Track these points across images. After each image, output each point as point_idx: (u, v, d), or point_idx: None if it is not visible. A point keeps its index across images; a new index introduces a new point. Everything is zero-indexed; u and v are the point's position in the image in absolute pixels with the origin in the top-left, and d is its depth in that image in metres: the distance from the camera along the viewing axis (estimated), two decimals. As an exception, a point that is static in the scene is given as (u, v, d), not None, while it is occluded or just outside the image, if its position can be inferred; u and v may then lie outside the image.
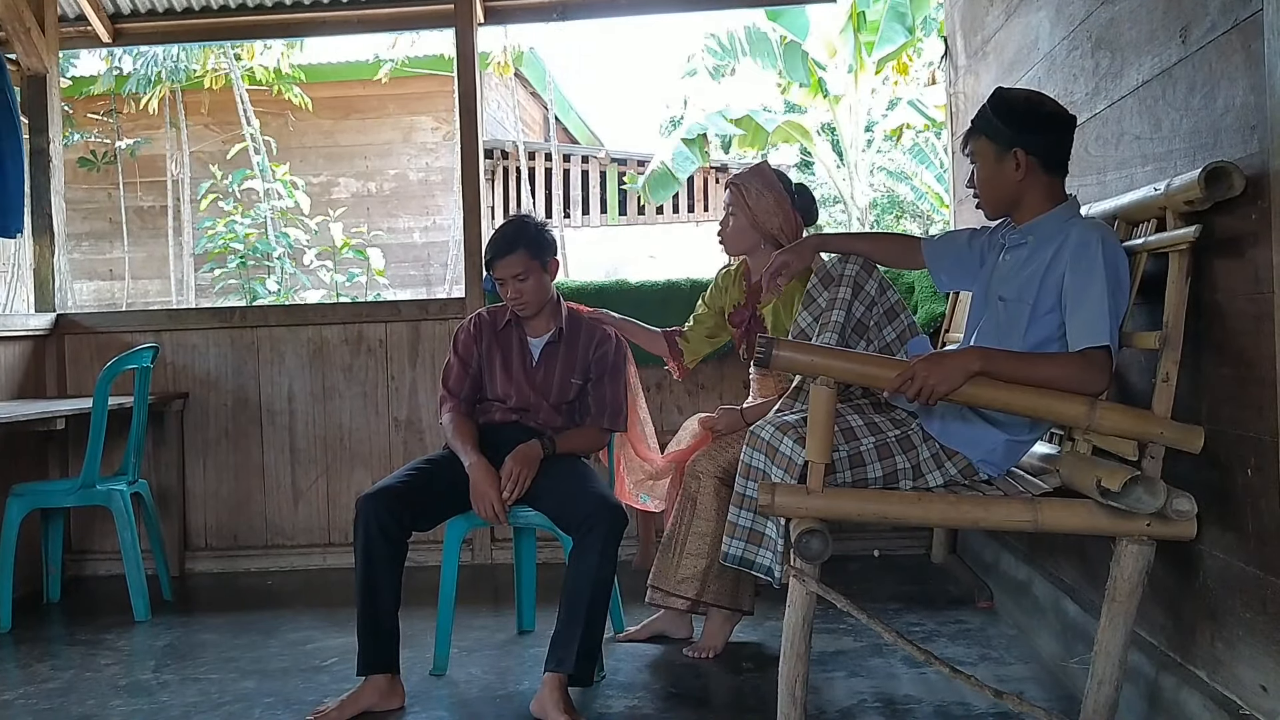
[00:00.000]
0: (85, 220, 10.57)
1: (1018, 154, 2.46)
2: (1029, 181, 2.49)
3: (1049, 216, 2.49)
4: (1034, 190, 2.50)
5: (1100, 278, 2.29)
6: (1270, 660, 1.97)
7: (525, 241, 3.21)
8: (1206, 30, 2.17)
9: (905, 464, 2.53)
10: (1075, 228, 2.40)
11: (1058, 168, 2.51)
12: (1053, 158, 2.50)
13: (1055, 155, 2.50)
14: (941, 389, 2.26)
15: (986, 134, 2.52)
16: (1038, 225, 2.50)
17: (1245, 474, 2.06)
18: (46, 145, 4.92)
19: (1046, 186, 2.50)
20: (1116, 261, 2.32)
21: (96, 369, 4.14)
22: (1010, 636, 3.37)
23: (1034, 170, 2.47)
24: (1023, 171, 2.47)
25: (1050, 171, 2.50)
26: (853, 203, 11.23)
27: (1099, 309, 2.28)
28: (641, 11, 5.28)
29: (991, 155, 2.51)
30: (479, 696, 3.06)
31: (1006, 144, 2.47)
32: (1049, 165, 2.49)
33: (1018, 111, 2.50)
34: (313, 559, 4.78)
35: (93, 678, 3.34)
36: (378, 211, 10.64)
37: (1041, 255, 2.44)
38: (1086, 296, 2.31)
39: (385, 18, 5.26)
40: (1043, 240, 2.46)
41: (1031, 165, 2.47)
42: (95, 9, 5.13)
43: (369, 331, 4.82)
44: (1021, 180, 2.48)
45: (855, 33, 9.95)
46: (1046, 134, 2.49)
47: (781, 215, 3.35)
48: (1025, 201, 2.52)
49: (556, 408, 3.27)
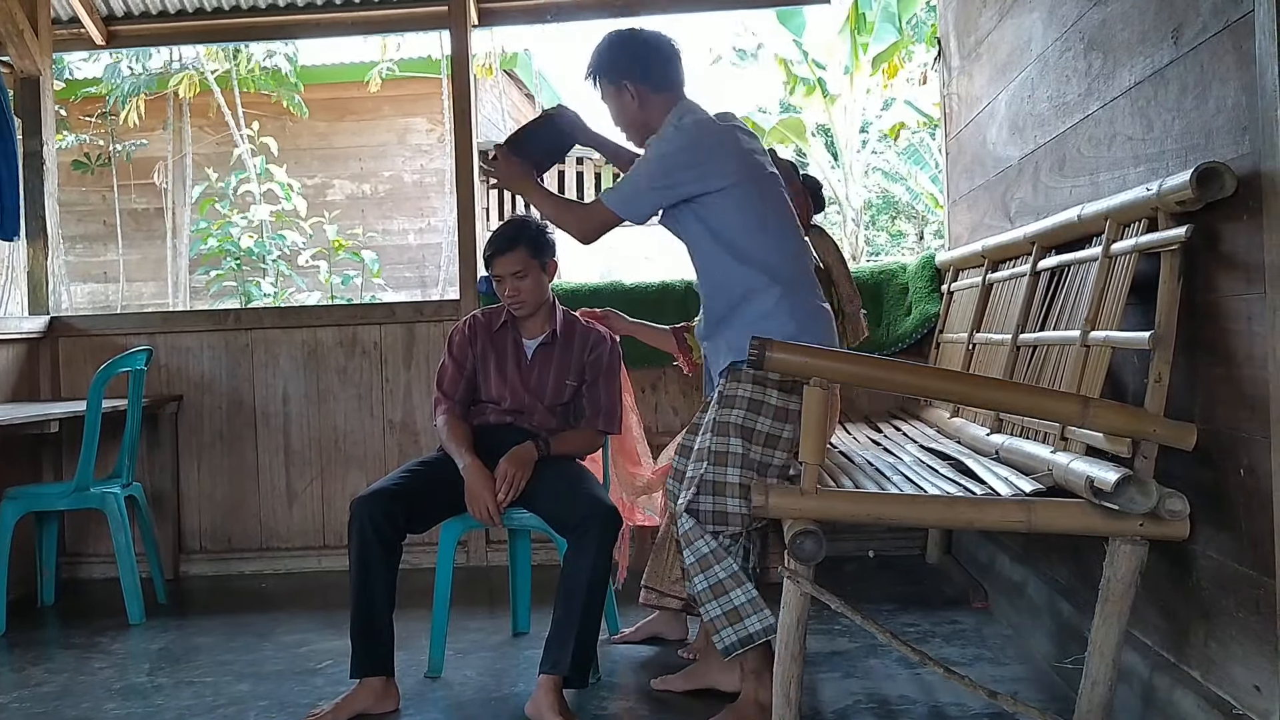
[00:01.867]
0: (80, 223, 10.55)
1: (627, 85, 2.79)
2: (647, 106, 2.79)
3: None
4: (654, 110, 2.79)
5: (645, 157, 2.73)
6: (1264, 660, 1.98)
7: (526, 240, 3.22)
8: (1198, 31, 2.17)
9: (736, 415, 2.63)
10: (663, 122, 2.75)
11: (667, 87, 2.81)
12: (656, 80, 2.80)
13: (657, 76, 2.80)
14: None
15: (598, 77, 2.84)
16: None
17: (1238, 474, 2.06)
18: (40, 148, 4.91)
19: (663, 104, 2.79)
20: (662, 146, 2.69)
21: (90, 371, 4.13)
22: (1005, 637, 3.38)
23: (646, 96, 2.79)
24: (637, 99, 2.79)
25: (661, 91, 2.80)
26: (848, 203, 11.23)
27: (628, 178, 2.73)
28: (636, 13, 5.27)
29: (611, 94, 2.83)
30: (474, 699, 3.05)
31: (616, 81, 2.80)
32: (657, 87, 2.80)
33: (612, 50, 2.84)
34: (307, 561, 4.78)
35: (87, 681, 3.33)
36: (372, 213, 10.62)
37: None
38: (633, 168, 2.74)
39: (379, 19, 5.26)
40: None
41: (642, 92, 2.79)
42: (88, 11, 5.12)
43: (363, 333, 4.82)
44: (640, 107, 2.80)
45: (854, 33, 9.96)
46: (640, 61, 2.80)
47: (793, 189, 3.37)
48: (653, 124, 2.80)
49: (551, 409, 3.27)
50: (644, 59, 2.80)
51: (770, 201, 2.74)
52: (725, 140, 2.72)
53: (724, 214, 2.69)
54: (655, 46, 2.82)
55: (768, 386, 2.63)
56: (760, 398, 2.63)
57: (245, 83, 9.89)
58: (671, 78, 2.81)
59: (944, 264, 4.43)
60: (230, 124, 9.70)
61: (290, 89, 9.87)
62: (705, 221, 2.71)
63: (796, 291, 2.69)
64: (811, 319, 2.69)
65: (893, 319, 4.67)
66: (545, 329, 3.30)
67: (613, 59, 2.82)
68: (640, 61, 2.80)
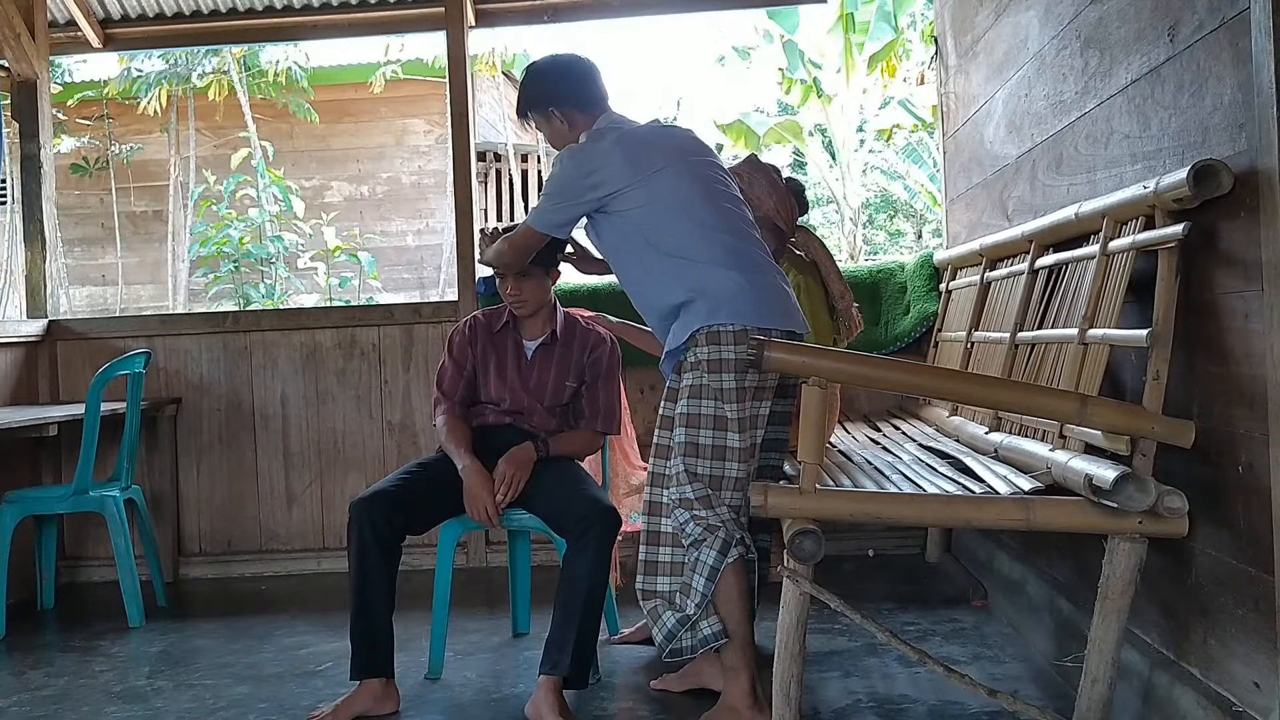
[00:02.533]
0: (78, 226, 10.54)
1: (554, 113, 2.90)
2: (576, 127, 2.88)
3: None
4: (581, 132, 2.87)
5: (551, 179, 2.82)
6: (1263, 657, 1.98)
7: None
8: (1194, 29, 2.18)
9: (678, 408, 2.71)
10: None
11: (590, 105, 2.90)
12: (578, 102, 2.89)
13: (578, 99, 2.89)
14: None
15: (527, 110, 2.96)
16: None
17: (1236, 471, 2.06)
18: (38, 151, 4.91)
19: (588, 125, 2.87)
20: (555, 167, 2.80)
21: (89, 375, 4.13)
22: (1004, 635, 3.38)
23: (573, 118, 2.89)
24: (566, 122, 2.89)
25: (587, 111, 2.89)
26: (845, 203, 11.23)
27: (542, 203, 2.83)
28: (632, 13, 5.28)
29: (542, 123, 2.95)
30: (474, 700, 3.05)
31: (543, 109, 2.92)
32: (582, 108, 2.89)
33: (533, 82, 2.96)
34: (307, 563, 4.78)
35: (87, 684, 3.33)
36: (370, 215, 10.62)
37: None
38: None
39: (376, 21, 5.26)
40: None
41: (569, 115, 2.89)
42: (85, 14, 5.12)
43: (362, 335, 4.82)
44: (570, 130, 2.89)
45: (845, 33, 9.96)
46: (559, 87, 2.90)
47: (776, 198, 3.39)
48: None
49: (550, 410, 3.27)
50: (562, 84, 2.92)
51: (697, 190, 2.77)
52: (620, 145, 2.78)
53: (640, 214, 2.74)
54: (570, 70, 2.95)
55: (710, 371, 2.65)
56: (701, 382, 2.66)
57: (255, 88, 9.90)
58: (592, 95, 2.91)
59: (942, 263, 4.43)
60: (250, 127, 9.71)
61: (300, 94, 9.90)
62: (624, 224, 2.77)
63: (734, 270, 2.70)
64: (745, 294, 2.68)
65: (891, 318, 4.67)
66: (545, 330, 3.30)
67: (536, 90, 2.94)
68: (559, 87, 2.92)
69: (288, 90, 9.89)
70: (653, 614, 2.74)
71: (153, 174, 10.65)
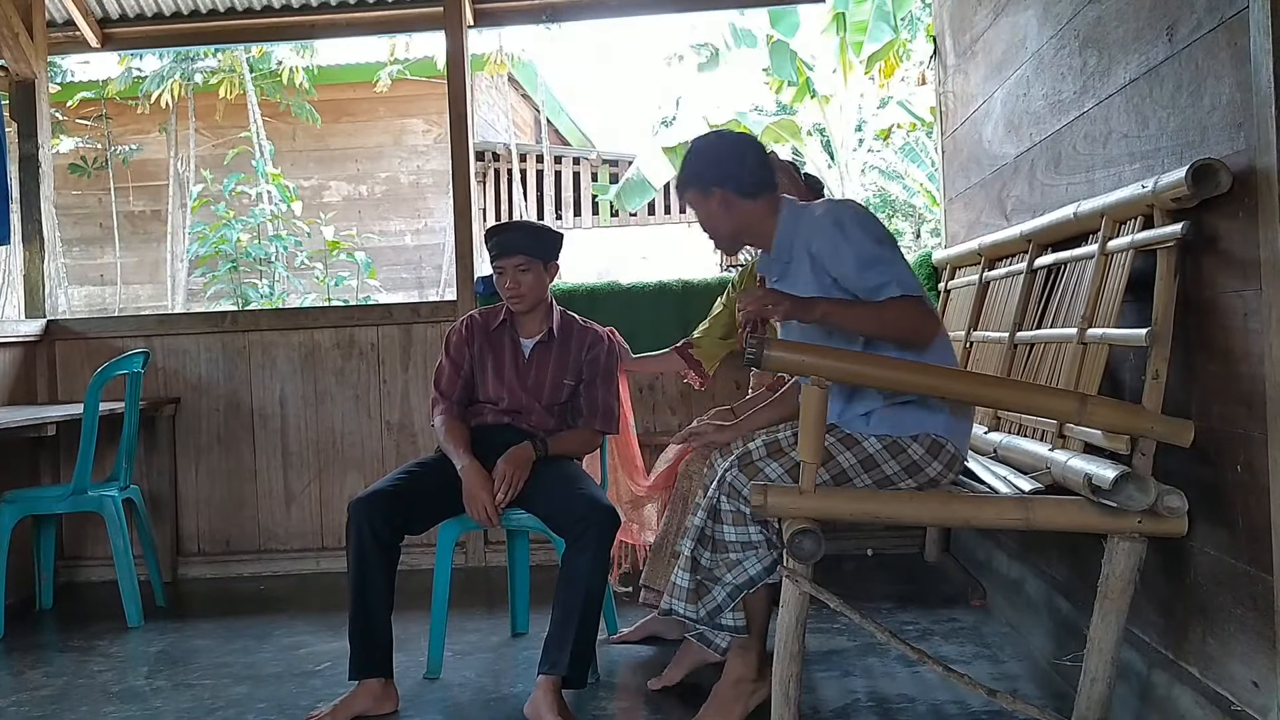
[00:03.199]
0: (77, 225, 10.54)
1: (715, 194, 2.65)
2: (736, 213, 2.66)
3: (782, 231, 2.66)
4: (748, 217, 2.67)
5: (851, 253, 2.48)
6: (1262, 656, 1.98)
7: (533, 235, 3.25)
8: (1193, 28, 2.18)
9: (851, 460, 2.53)
10: (804, 220, 2.60)
11: (755, 190, 2.66)
12: (746, 186, 2.65)
13: (747, 183, 2.65)
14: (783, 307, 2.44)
15: (688, 186, 2.70)
16: (782, 244, 2.67)
17: (1235, 470, 2.06)
18: (36, 151, 4.91)
19: (756, 210, 2.66)
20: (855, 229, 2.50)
21: (87, 375, 4.13)
22: (1003, 634, 3.38)
23: (734, 201, 2.65)
24: (725, 206, 2.65)
25: (752, 197, 2.65)
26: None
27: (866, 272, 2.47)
28: (631, 13, 5.29)
29: (700, 202, 2.70)
30: (473, 700, 3.05)
31: (704, 189, 2.67)
32: (747, 193, 2.65)
33: (695, 160, 2.70)
34: (306, 563, 4.78)
35: (85, 684, 3.33)
36: (369, 214, 10.62)
37: (800, 260, 2.58)
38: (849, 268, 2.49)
39: (374, 21, 5.26)
40: (795, 250, 2.61)
41: (729, 198, 2.64)
42: (84, 14, 5.12)
43: (360, 335, 4.82)
44: (729, 213, 2.66)
45: (839, 33, 9.96)
46: (724, 168, 2.65)
47: (796, 191, 3.39)
48: (752, 231, 2.70)
49: (549, 409, 3.27)
50: (728, 165, 2.67)
51: None
52: None
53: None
54: (738, 151, 2.69)
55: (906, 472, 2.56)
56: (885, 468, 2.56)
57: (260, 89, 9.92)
58: (759, 180, 2.67)
59: (941, 262, 4.43)
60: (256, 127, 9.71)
61: (302, 95, 9.91)
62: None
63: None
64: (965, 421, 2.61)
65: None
66: (543, 328, 3.31)
67: (699, 168, 2.69)
68: (724, 168, 2.66)
69: (289, 91, 9.90)
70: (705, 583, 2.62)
71: (151, 174, 10.65)
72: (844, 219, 2.53)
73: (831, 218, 2.54)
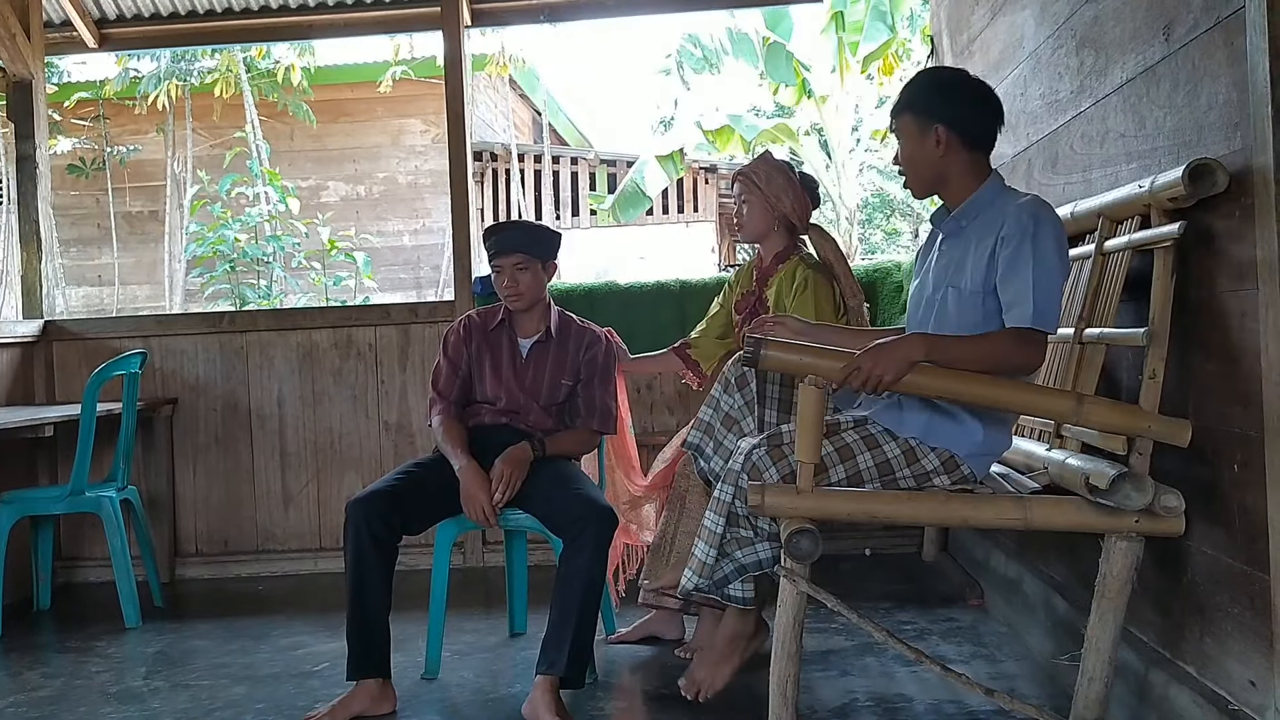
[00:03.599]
0: (74, 226, 10.54)
1: (938, 130, 2.47)
2: (950, 158, 2.49)
3: (977, 196, 2.49)
4: (956, 167, 2.50)
5: (1028, 258, 2.31)
6: (1259, 655, 1.98)
7: (532, 233, 3.26)
8: (1189, 28, 2.18)
9: (869, 462, 2.49)
10: (1010, 207, 2.41)
11: (980, 144, 2.51)
12: (974, 134, 2.49)
13: (976, 131, 2.50)
14: (888, 378, 2.25)
15: (909, 110, 2.52)
16: (969, 207, 2.50)
17: (1232, 470, 2.06)
18: (33, 151, 4.91)
19: (969, 164, 2.50)
20: (1046, 239, 2.33)
21: (85, 375, 4.12)
22: (1001, 634, 3.38)
23: (954, 147, 2.48)
24: (943, 148, 2.47)
25: (972, 148, 2.50)
26: (841, 202, 11.23)
27: (1025, 290, 2.30)
28: (629, 13, 5.28)
29: (914, 132, 2.51)
30: (471, 700, 3.05)
31: (927, 120, 2.48)
32: (970, 142, 2.49)
33: (938, 87, 2.53)
34: (304, 564, 4.77)
35: (83, 685, 3.33)
36: (367, 215, 10.62)
37: (985, 240, 2.43)
38: (1016, 277, 2.33)
39: (373, 21, 5.25)
40: (980, 224, 2.47)
41: (952, 141, 2.47)
42: (81, 14, 5.12)
43: (358, 335, 4.82)
44: (943, 157, 2.48)
45: (837, 33, 9.97)
46: (966, 109, 2.49)
47: (793, 195, 3.40)
48: (949, 179, 2.52)
49: (546, 409, 3.27)
50: (970, 108, 2.50)
51: None
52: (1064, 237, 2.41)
53: None
54: (985, 98, 2.53)
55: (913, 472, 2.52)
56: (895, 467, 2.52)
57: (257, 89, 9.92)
58: (987, 134, 2.53)
59: (938, 262, 4.43)
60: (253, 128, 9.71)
61: (300, 96, 9.91)
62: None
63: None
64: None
65: (888, 317, 4.67)
66: (540, 327, 3.31)
67: (934, 99, 2.50)
68: (965, 109, 2.50)
69: (287, 90, 9.90)
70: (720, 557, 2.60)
71: (149, 174, 10.65)
72: (1043, 223, 2.35)
73: (1031, 212, 2.36)
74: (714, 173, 11.86)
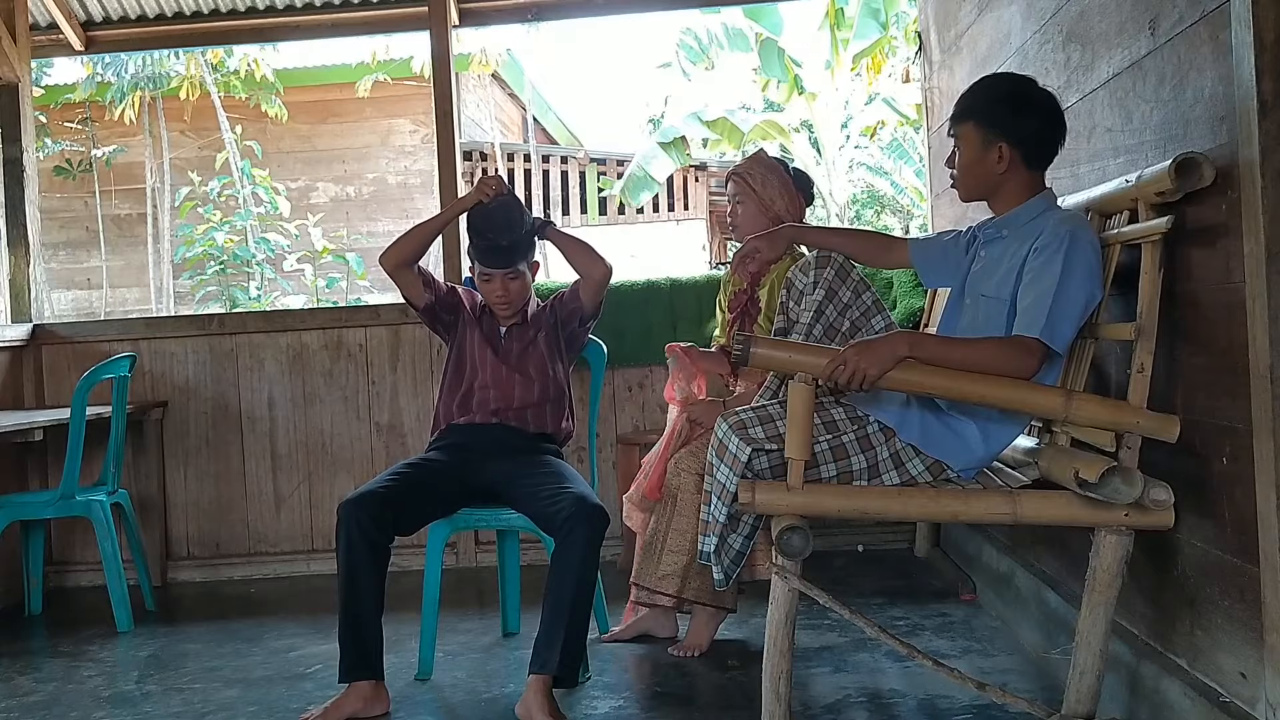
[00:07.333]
0: (62, 229, 10.51)
1: (1002, 148, 2.43)
2: (1009, 174, 2.45)
3: (1024, 208, 2.46)
4: (1012, 183, 2.46)
5: (1055, 271, 2.27)
6: (1249, 647, 1.99)
7: (523, 242, 3.27)
8: (1175, 22, 2.18)
9: (861, 464, 2.47)
10: (1050, 220, 2.39)
11: (1040, 163, 2.47)
12: (1036, 153, 2.46)
13: (1039, 151, 2.46)
14: (872, 372, 2.25)
15: (973, 119, 2.47)
16: (1013, 218, 2.48)
17: (1221, 462, 2.07)
18: (20, 154, 4.88)
19: (1025, 181, 2.46)
20: (1079, 257, 2.28)
21: (74, 379, 4.10)
22: (993, 628, 3.39)
23: (1015, 164, 2.44)
24: (1005, 164, 2.43)
25: (1031, 166, 2.46)
26: (831, 199, 11.25)
27: (1043, 301, 2.27)
28: (616, 11, 5.28)
29: (977, 142, 2.46)
30: (464, 700, 3.05)
31: (993, 135, 2.43)
32: (1031, 160, 2.45)
33: (1008, 100, 2.46)
34: (296, 566, 4.76)
35: (75, 689, 3.32)
36: (356, 215, 10.61)
37: (1019, 250, 2.41)
38: (1037, 286, 2.30)
39: (359, 21, 5.25)
40: (1019, 234, 2.44)
41: (1014, 158, 2.43)
42: (67, 16, 5.10)
43: (349, 336, 4.81)
44: (1003, 172, 2.45)
45: (832, 29, 9.99)
46: (1034, 129, 2.44)
47: (787, 196, 3.40)
48: (1002, 193, 2.49)
49: (530, 379, 3.28)
50: (1039, 125, 2.44)
51: None
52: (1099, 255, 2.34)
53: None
54: (1054, 115, 2.46)
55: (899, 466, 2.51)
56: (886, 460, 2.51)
57: (223, 86, 9.88)
58: (1048, 156, 2.48)
59: (928, 258, 4.43)
60: (223, 127, 9.68)
61: (269, 89, 9.87)
62: None
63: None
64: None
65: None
66: (517, 316, 3.35)
67: (1004, 112, 2.44)
68: (1034, 126, 2.44)
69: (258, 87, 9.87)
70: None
71: (136, 177, 10.63)
72: (1080, 242, 2.29)
73: (1070, 228, 2.31)
74: (704, 170, 11.86)
